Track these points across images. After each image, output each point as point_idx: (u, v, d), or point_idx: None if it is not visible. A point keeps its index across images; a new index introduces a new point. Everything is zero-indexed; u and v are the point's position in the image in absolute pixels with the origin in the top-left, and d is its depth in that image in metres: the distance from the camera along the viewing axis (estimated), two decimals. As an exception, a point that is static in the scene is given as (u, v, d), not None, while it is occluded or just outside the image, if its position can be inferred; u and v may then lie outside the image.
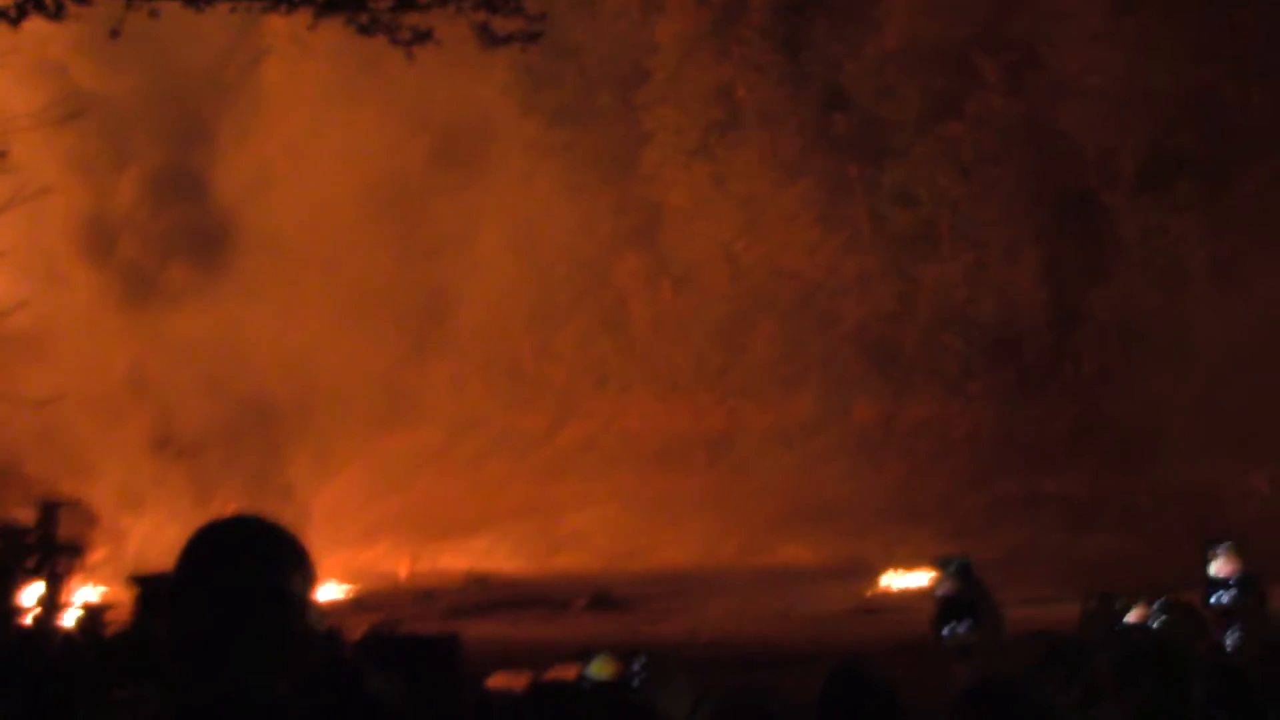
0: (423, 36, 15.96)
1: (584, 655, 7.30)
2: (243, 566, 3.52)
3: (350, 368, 39.49)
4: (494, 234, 41.25)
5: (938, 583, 10.44)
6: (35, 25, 15.52)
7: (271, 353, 38.44)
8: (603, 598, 28.34)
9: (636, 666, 6.71)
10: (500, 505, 37.92)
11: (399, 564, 35.56)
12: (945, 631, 9.63)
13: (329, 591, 29.86)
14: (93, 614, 19.77)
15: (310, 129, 41.47)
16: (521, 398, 41.84)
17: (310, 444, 39.05)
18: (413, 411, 41.06)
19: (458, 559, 35.58)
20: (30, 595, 20.73)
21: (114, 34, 15.40)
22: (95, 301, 37.47)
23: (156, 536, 30.60)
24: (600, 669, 7.09)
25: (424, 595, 30.82)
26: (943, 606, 10.07)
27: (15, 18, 15.21)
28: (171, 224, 40.42)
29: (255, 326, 38.29)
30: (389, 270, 40.62)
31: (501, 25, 16.24)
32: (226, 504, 33.05)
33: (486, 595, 30.30)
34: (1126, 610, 8.22)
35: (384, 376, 40.49)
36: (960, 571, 10.29)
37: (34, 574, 20.97)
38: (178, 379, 37.70)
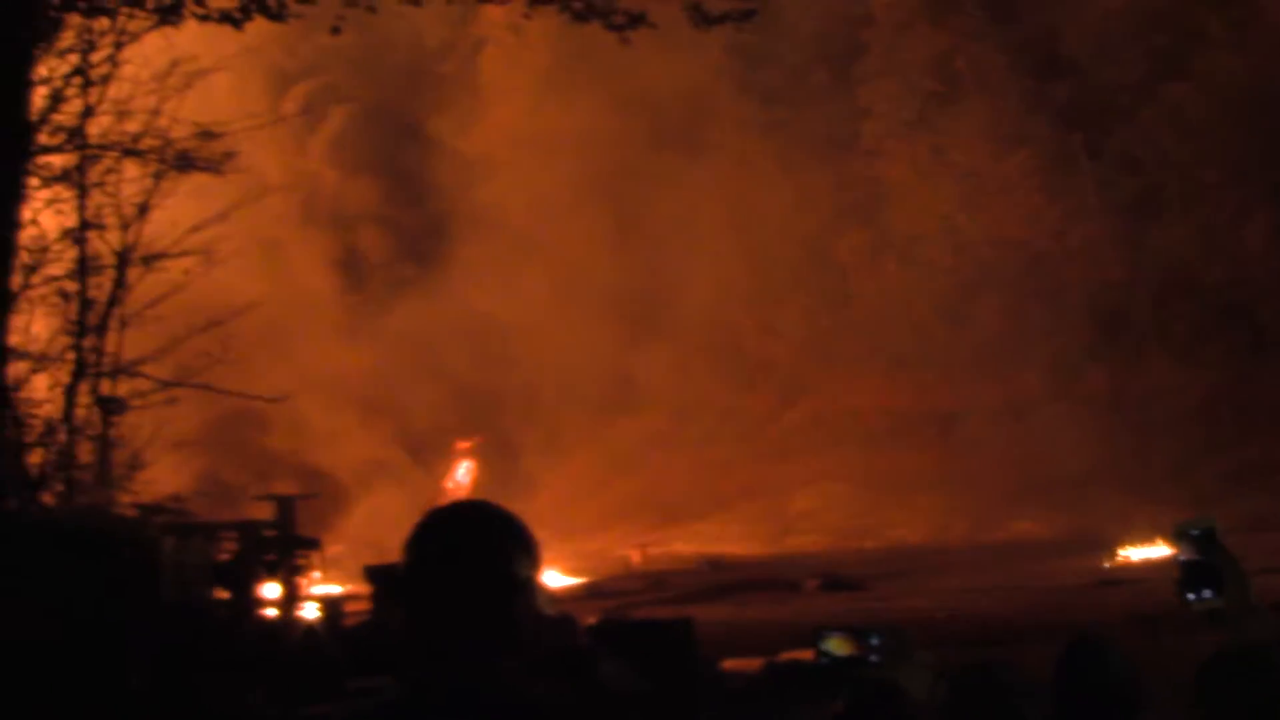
0: (636, 20, 15.99)
1: (818, 634, 7.21)
2: (468, 551, 3.53)
3: (574, 354, 39.70)
4: (713, 215, 41.19)
5: (1180, 549, 10.18)
6: (257, 25, 15.81)
7: (497, 341, 38.86)
8: (834, 578, 28.18)
9: (874, 642, 6.64)
10: (729, 487, 37.91)
11: (630, 550, 35.68)
12: (1190, 597, 9.38)
13: (561, 579, 30.08)
14: (331, 606, 20.11)
15: (529, 117, 41.75)
16: (746, 379, 41.74)
17: (537, 431, 39.37)
18: (637, 396, 41.16)
19: (688, 543, 35.64)
20: (270, 589, 21.14)
21: (335, 30, 15.66)
22: (326, 296, 38.17)
23: (394, 527, 31.06)
24: (838, 646, 7.02)
25: (655, 580, 30.87)
26: (1187, 572, 9.80)
27: (239, 19, 15.53)
28: (395, 217, 40.99)
29: (480, 315, 38.73)
30: (610, 255, 40.77)
31: (714, 5, 16.21)
32: (455, 493, 33.47)
33: (718, 578, 30.27)
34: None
35: (608, 362, 40.62)
36: (1204, 537, 10.02)
37: (274, 568, 21.39)
38: (407, 370, 38.28)
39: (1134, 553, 27.84)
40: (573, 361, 39.90)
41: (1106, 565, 27.39)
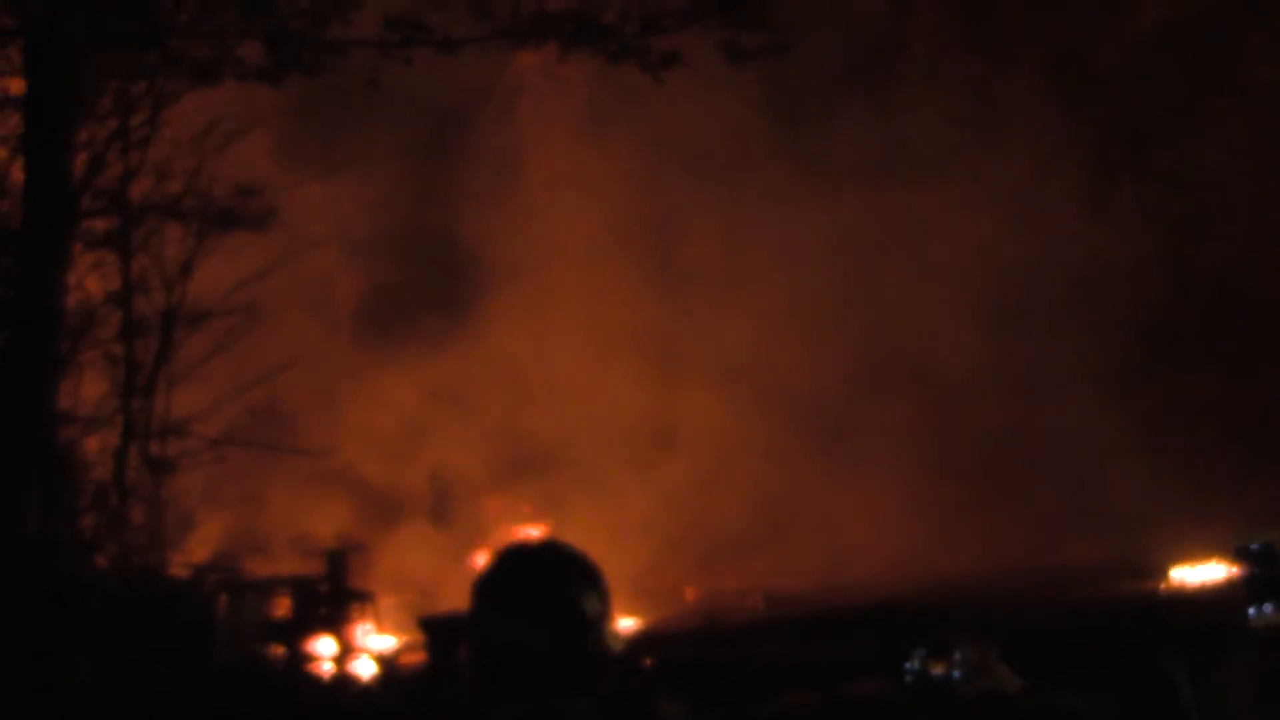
0: (670, 59, 16.03)
1: (882, 658, 7.21)
2: (539, 588, 3.54)
3: (615, 398, 39.59)
4: (753, 252, 41.09)
5: (1241, 565, 10.17)
6: (294, 82, 15.92)
7: (535, 388, 38.84)
8: (887, 609, 28.07)
9: (958, 657, 6.65)
10: (781, 522, 37.78)
11: (685, 588, 35.61)
12: (1252, 612, 9.40)
13: (619, 621, 30.02)
14: (385, 661, 20.17)
15: (566, 162, 41.70)
16: (794, 415, 41.52)
17: (581, 477, 39.25)
18: (684, 438, 40.97)
19: (743, 580, 35.54)
20: (325, 644, 21.19)
21: (372, 83, 15.77)
22: (366, 352, 38.21)
23: (446, 580, 31.06)
24: (926, 664, 7.03)
25: (710, 617, 30.83)
26: (1248, 588, 9.81)
27: (276, 76, 15.64)
28: (430, 268, 40.90)
29: (516, 361, 38.70)
30: (649, 297, 40.67)
31: (748, 41, 16.23)
32: (512, 538, 33.40)
33: (772, 614, 30.19)
34: None
35: (651, 405, 40.50)
36: (1264, 553, 10.01)
37: (327, 623, 21.44)
38: (448, 421, 38.28)
39: (1187, 573, 27.69)
40: (615, 406, 39.81)
41: (1161, 587, 27.27)
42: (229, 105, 18.58)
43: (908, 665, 6.93)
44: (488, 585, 3.53)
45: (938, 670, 6.78)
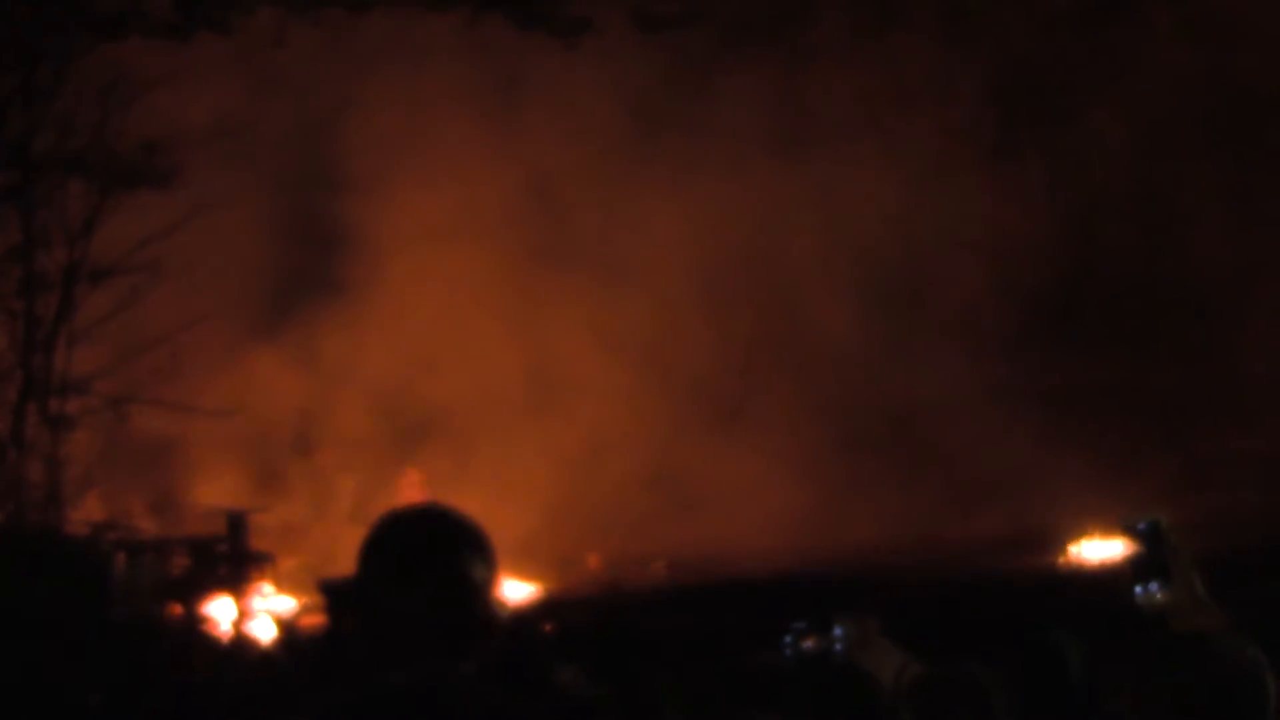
0: (582, 26, 16.03)
1: (779, 629, 7.27)
2: (424, 553, 3.54)
3: (503, 368, 39.30)
4: (662, 225, 40.78)
5: (1128, 544, 10.29)
6: (202, 39, 15.80)
7: (424, 358, 38.53)
8: (794, 579, 28.24)
9: (839, 632, 6.69)
10: (685, 493, 37.78)
11: (588, 556, 35.61)
12: (1139, 591, 9.55)
13: (518, 586, 30.00)
14: (283, 623, 20.10)
15: (461, 137, 40.96)
16: (697, 388, 41.40)
17: (469, 442, 38.85)
18: (579, 406, 40.65)
19: (646, 547, 35.55)
20: (223, 606, 21.07)
21: (278, 44, 15.67)
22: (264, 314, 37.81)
23: (346, 542, 30.81)
24: (804, 639, 7.07)
25: (612, 585, 30.89)
26: (1134, 568, 9.96)
27: (184, 32, 15.51)
28: (323, 237, 40.22)
29: (407, 335, 38.36)
30: (543, 268, 40.27)
31: (662, 8, 16.24)
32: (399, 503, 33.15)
33: (676, 581, 30.29)
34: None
35: (542, 373, 40.21)
36: (1150, 531, 10.13)
37: (225, 585, 21.32)
38: (336, 393, 37.94)
39: (1088, 549, 27.99)
40: (505, 376, 39.44)
41: (1060, 562, 27.55)
42: (135, 60, 18.40)
43: (786, 639, 6.97)
44: (372, 550, 3.52)
45: (809, 644, 6.82)
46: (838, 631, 6.68)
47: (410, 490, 36.47)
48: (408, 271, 39.24)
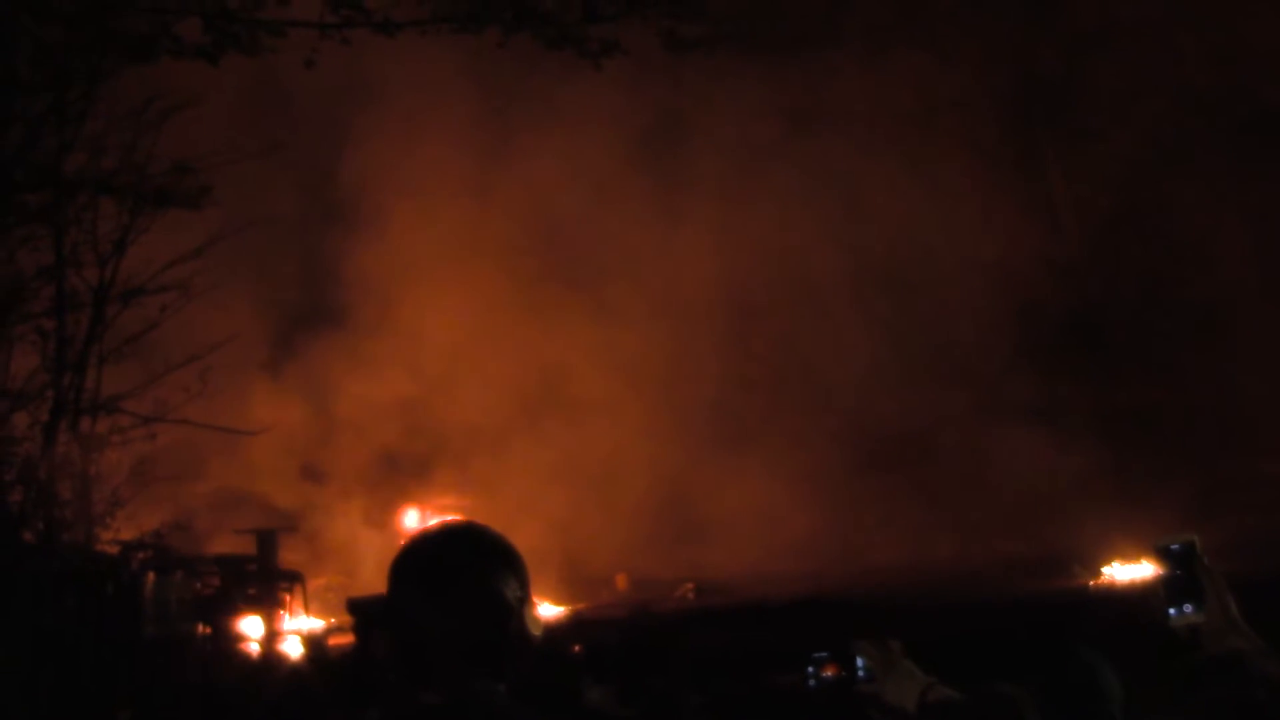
0: (611, 47, 16.02)
1: (803, 655, 7.23)
2: (456, 572, 3.51)
3: (516, 388, 39.23)
4: (694, 242, 40.66)
5: (1161, 565, 10.23)
6: (230, 61, 15.83)
7: (438, 381, 38.52)
8: (815, 600, 28.16)
9: (860, 661, 6.65)
10: (711, 514, 37.65)
11: (616, 577, 35.56)
12: (1172, 612, 9.50)
13: (547, 607, 30.00)
14: (314, 641, 20.09)
15: (461, 162, 40.66)
16: (723, 408, 41.21)
17: (498, 465, 38.77)
18: (600, 431, 40.42)
19: (674, 568, 35.48)
20: (253, 625, 21.09)
21: (309, 64, 15.69)
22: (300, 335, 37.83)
23: (379, 560, 30.75)
24: (819, 668, 7.03)
25: (642, 605, 30.80)
26: (1167, 589, 9.90)
27: (214, 54, 15.54)
28: (340, 261, 40.00)
29: (428, 358, 38.33)
30: (550, 297, 40.16)
31: (688, 30, 16.24)
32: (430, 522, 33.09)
33: (704, 602, 30.24)
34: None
35: (553, 390, 40.06)
36: (1184, 553, 10.08)
37: (255, 603, 21.35)
38: (356, 416, 37.92)
39: (1118, 570, 27.88)
40: (533, 404, 39.39)
41: (1091, 584, 27.45)
42: (167, 82, 18.48)
43: (808, 670, 6.96)
44: (404, 569, 3.51)
45: (829, 674, 6.79)
46: (860, 661, 6.65)
47: (434, 511, 36.49)
48: (423, 295, 39.19)
